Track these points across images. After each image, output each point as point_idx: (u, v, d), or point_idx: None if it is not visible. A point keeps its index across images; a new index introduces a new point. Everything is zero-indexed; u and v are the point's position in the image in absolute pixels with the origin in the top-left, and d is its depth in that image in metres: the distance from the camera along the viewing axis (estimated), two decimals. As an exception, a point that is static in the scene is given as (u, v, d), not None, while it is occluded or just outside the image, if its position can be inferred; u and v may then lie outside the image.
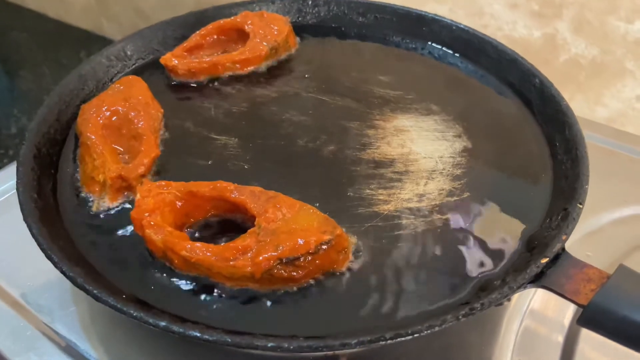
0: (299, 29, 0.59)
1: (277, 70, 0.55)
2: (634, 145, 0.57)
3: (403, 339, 0.30)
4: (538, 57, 0.69)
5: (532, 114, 0.49)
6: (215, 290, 0.35)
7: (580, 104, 0.69)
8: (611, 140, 0.58)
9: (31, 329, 0.41)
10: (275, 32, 0.55)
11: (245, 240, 0.35)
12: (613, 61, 0.65)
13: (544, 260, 0.34)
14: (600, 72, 0.66)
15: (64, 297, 0.43)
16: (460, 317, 0.31)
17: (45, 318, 0.42)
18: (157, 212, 0.37)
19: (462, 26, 0.57)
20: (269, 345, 0.30)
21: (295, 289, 0.36)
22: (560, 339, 0.42)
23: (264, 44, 0.54)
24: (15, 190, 0.50)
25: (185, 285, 0.36)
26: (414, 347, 0.39)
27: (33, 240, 0.36)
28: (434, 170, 0.44)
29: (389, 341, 0.30)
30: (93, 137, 0.43)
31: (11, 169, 0.54)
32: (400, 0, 0.71)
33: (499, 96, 0.52)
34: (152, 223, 0.36)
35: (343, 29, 0.61)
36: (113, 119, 0.44)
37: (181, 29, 0.57)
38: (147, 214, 0.36)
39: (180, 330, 0.30)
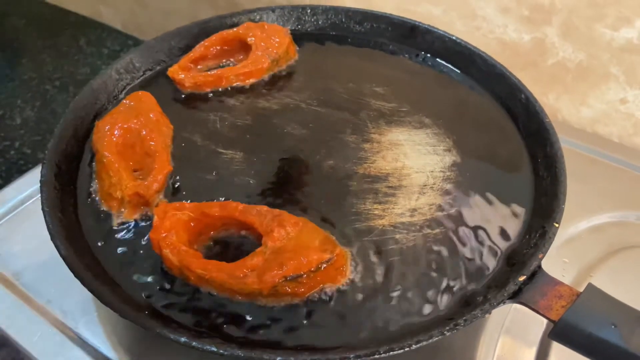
0: (298, 37, 0.62)
1: (278, 81, 0.58)
2: (612, 152, 0.61)
3: (395, 352, 0.35)
4: (527, 59, 0.72)
5: (517, 128, 0.53)
6: (227, 304, 0.39)
7: (567, 104, 0.73)
8: (591, 147, 0.61)
9: (59, 334, 0.45)
10: (276, 45, 0.57)
11: (253, 259, 0.39)
12: (598, 65, 0.68)
13: (522, 278, 0.38)
14: (586, 75, 0.69)
15: (86, 303, 0.47)
16: (445, 332, 0.35)
17: (70, 323, 0.46)
18: (173, 231, 0.40)
19: (454, 37, 0.59)
20: (278, 359, 0.34)
21: (297, 302, 0.39)
22: (538, 338, 0.46)
23: (266, 56, 0.57)
24: (34, 199, 0.54)
25: (199, 299, 0.40)
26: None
27: (53, 248, 0.39)
28: (425, 185, 0.48)
29: (382, 355, 0.34)
30: (109, 155, 0.46)
31: (29, 178, 0.57)
32: (396, 0, 0.73)
33: (487, 108, 0.55)
34: (168, 243, 0.40)
35: (341, 37, 0.64)
36: (127, 136, 0.47)
37: (185, 39, 0.60)
38: (164, 234, 0.40)
39: (199, 345, 0.34)
